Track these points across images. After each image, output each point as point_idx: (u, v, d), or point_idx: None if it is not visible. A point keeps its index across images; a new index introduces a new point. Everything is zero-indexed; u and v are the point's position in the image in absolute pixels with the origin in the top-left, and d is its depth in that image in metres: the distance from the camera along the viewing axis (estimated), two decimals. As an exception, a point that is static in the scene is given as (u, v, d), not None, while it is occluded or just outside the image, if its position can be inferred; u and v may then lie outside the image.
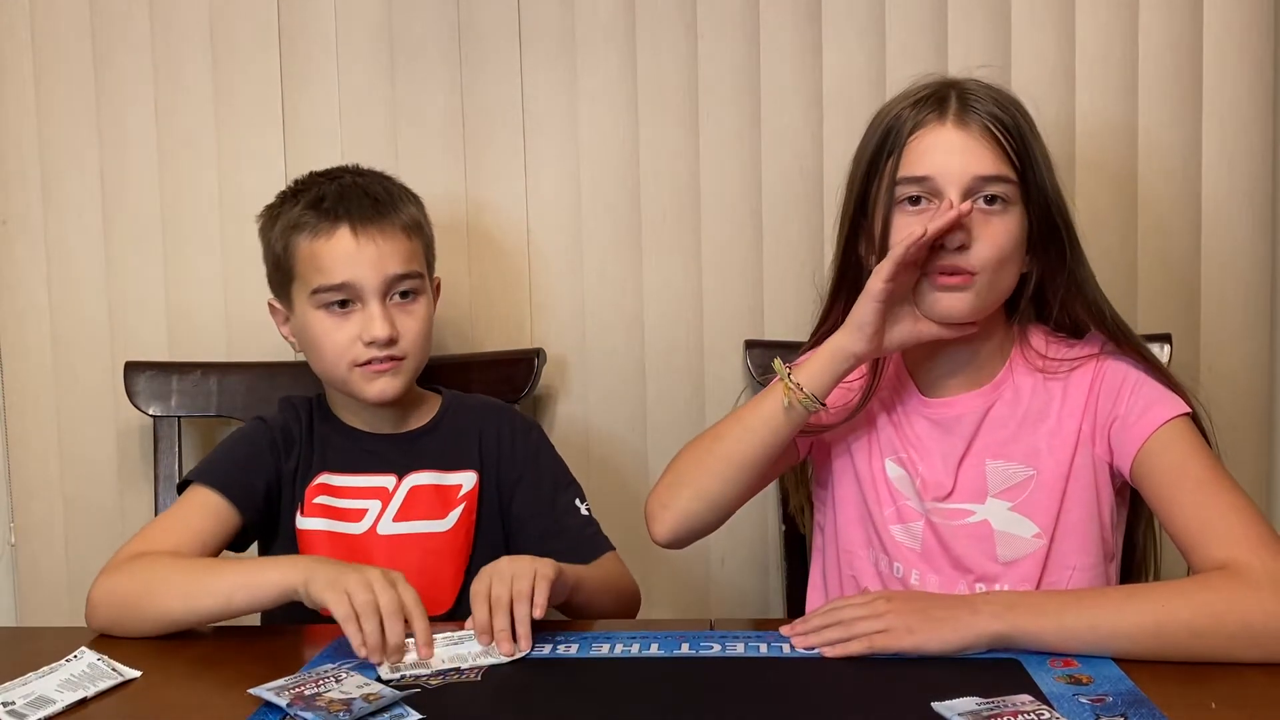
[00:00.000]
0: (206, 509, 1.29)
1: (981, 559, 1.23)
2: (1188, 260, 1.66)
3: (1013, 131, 1.20)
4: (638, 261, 1.70)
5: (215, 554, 1.29)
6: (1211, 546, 1.08)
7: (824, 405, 1.21)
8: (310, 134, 1.69)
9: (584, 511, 1.40)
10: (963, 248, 1.17)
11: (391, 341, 1.32)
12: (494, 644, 1.08)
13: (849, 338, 1.20)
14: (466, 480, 1.39)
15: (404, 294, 1.34)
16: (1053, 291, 1.25)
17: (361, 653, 1.04)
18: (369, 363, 1.32)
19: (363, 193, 1.34)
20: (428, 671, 1.03)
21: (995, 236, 1.18)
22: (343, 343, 1.32)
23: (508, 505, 1.40)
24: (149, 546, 1.23)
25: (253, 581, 1.14)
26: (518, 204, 1.70)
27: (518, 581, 1.10)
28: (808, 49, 1.66)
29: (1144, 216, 1.66)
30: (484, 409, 1.45)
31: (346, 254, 1.31)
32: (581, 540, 1.36)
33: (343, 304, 1.32)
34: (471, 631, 1.10)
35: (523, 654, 1.08)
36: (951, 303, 1.19)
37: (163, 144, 1.70)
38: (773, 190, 1.68)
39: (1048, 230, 1.22)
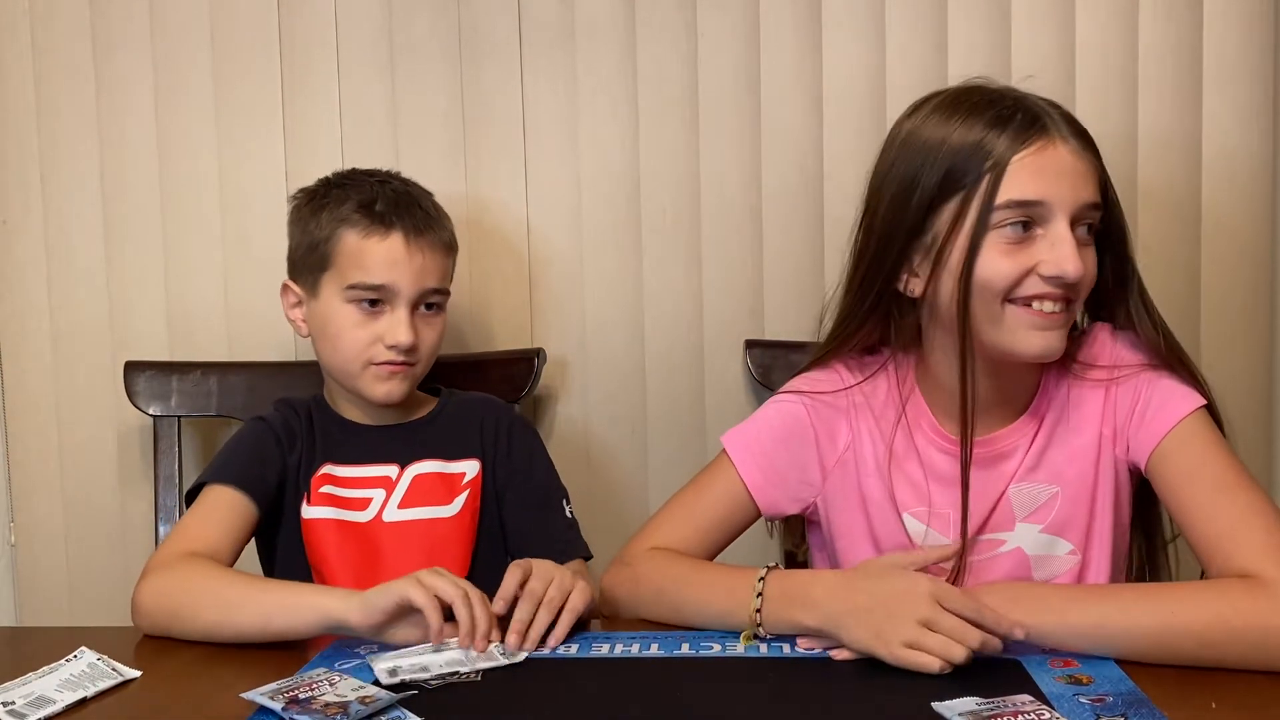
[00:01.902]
0: (229, 505, 1.31)
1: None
2: (1188, 260, 1.66)
3: (1098, 155, 1.14)
4: (638, 261, 1.70)
5: (242, 549, 1.31)
6: (1233, 556, 1.05)
7: (766, 638, 1.10)
8: (310, 134, 1.69)
9: (569, 514, 1.42)
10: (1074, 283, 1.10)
11: (412, 349, 1.35)
12: (482, 648, 1.07)
13: (817, 620, 1.06)
14: (470, 468, 1.42)
15: (429, 306, 1.39)
16: (1109, 318, 1.22)
17: (457, 643, 1.06)
18: (384, 363, 1.36)
19: (416, 204, 1.40)
20: (426, 675, 1.02)
21: (1091, 271, 1.13)
22: (364, 340, 1.36)
23: (502, 495, 1.42)
24: (190, 546, 1.24)
25: (295, 604, 1.12)
26: (518, 204, 1.70)
27: (553, 589, 1.12)
28: (808, 49, 1.66)
29: (1144, 216, 1.66)
30: (483, 403, 1.48)
31: (395, 259, 1.35)
32: (564, 543, 1.38)
33: (373, 303, 1.36)
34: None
35: (517, 659, 1.07)
36: (1048, 341, 1.12)
37: (163, 144, 1.70)
38: (773, 190, 1.68)
39: (1118, 260, 1.18)
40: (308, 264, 1.40)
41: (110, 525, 1.74)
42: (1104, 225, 1.16)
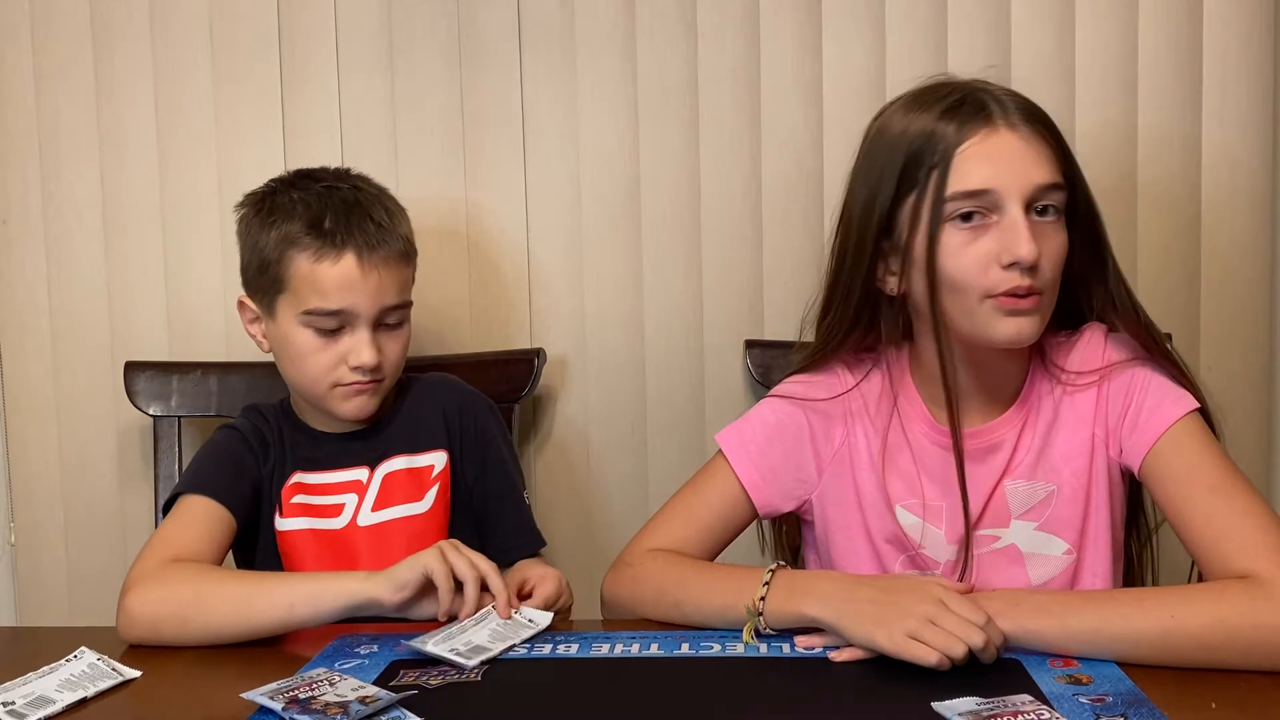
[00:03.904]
0: (208, 514, 1.29)
1: (1013, 585, 1.19)
2: (1188, 260, 1.66)
3: (1057, 137, 1.15)
4: (638, 261, 1.70)
5: (224, 559, 1.29)
6: (1230, 557, 1.05)
7: (775, 632, 1.10)
8: (310, 134, 1.69)
9: (527, 501, 1.44)
10: (1033, 266, 1.10)
11: (377, 368, 1.33)
12: (505, 615, 1.14)
13: (822, 611, 1.06)
14: (438, 460, 1.41)
15: (391, 321, 1.35)
16: (1087, 304, 1.22)
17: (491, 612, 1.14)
18: (351, 384, 1.33)
19: (366, 216, 1.33)
20: (486, 654, 1.07)
21: (1055, 251, 1.13)
22: (327, 363, 1.33)
23: (473, 485, 1.42)
24: (173, 553, 1.22)
25: (317, 590, 1.14)
26: (517, 204, 1.70)
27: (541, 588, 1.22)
28: (808, 49, 1.66)
29: (1144, 216, 1.66)
30: (442, 387, 1.47)
31: (348, 282, 1.30)
32: (530, 533, 1.41)
33: (332, 327, 1.32)
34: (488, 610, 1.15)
35: (542, 625, 1.15)
36: (1022, 327, 1.12)
37: (163, 144, 1.70)
38: (773, 190, 1.68)
39: (1089, 242, 1.18)
40: (261, 285, 1.35)
41: (110, 525, 1.74)
42: (1073, 206, 1.16)
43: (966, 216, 1.12)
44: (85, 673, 1.04)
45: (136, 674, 1.06)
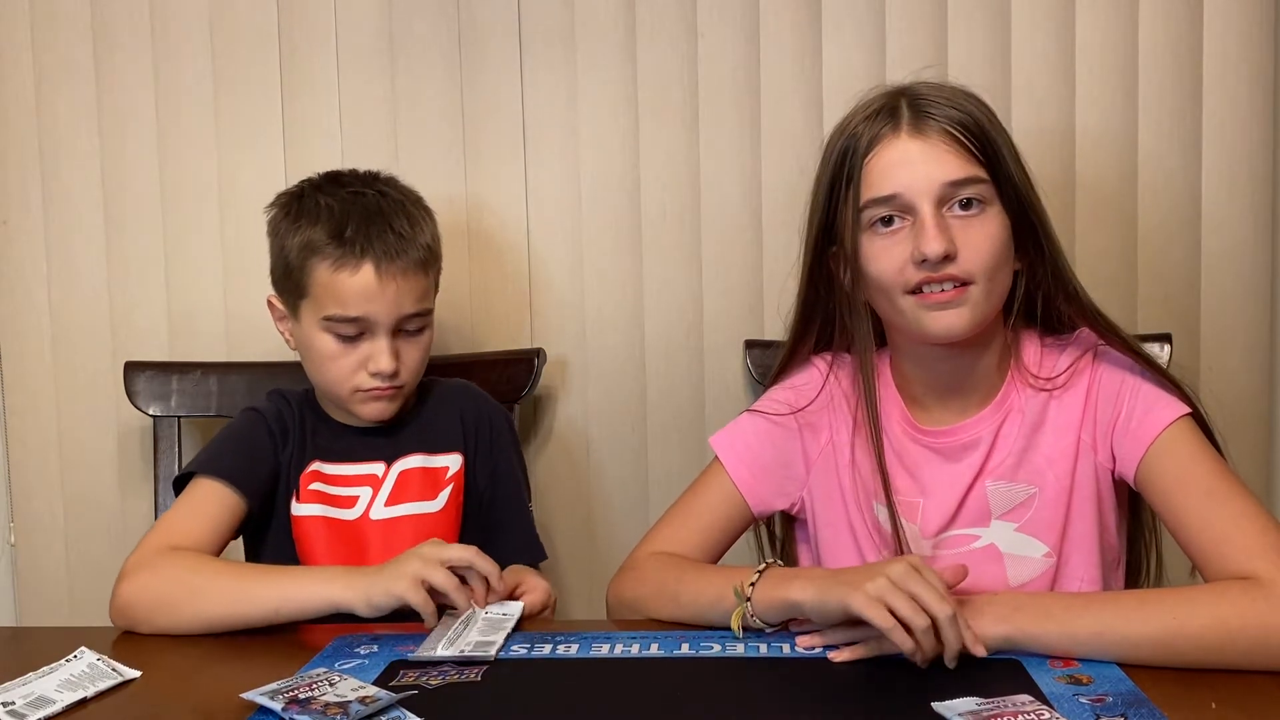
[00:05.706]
0: (217, 500, 1.31)
1: (992, 585, 1.19)
2: (1188, 261, 1.66)
3: (973, 130, 1.15)
4: (638, 261, 1.70)
5: (227, 545, 1.31)
6: (1229, 560, 1.05)
7: (763, 624, 1.11)
8: (310, 134, 1.69)
9: (532, 512, 1.45)
10: (948, 258, 1.12)
11: (395, 374, 1.34)
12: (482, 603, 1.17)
13: (805, 593, 1.06)
14: (453, 462, 1.42)
15: (411, 328, 1.36)
16: (1035, 286, 1.22)
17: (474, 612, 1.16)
18: (371, 389, 1.35)
19: (387, 226, 1.34)
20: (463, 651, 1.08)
21: (981, 241, 1.13)
22: (347, 368, 1.35)
23: (484, 490, 1.44)
24: (173, 541, 1.25)
25: (301, 595, 1.16)
26: (518, 204, 1.70)
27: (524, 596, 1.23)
28: (808, 49, 1.66)
29: (1144, 217, 1.66)
30: (461, 392, 1.49)
31: (366, 291, 1.32)
32: (532, 545, 1.42)
33: (352, 333, 1.34)
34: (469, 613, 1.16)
35: (515, 615, 1.17)
36: (949, 321, 1.13)
37: (163, 144, 1.70)
38: (773, 190, 1.68)
39: (1025, 225, 1.18)
40: (286, 287, 1.37)
41: (110, 525, 1.74)
42: (1006, 195, 1.16)
43: (887, 221, 1.16)
44: (85, 673, 1.04)
45: (136, 674, 1.06)
